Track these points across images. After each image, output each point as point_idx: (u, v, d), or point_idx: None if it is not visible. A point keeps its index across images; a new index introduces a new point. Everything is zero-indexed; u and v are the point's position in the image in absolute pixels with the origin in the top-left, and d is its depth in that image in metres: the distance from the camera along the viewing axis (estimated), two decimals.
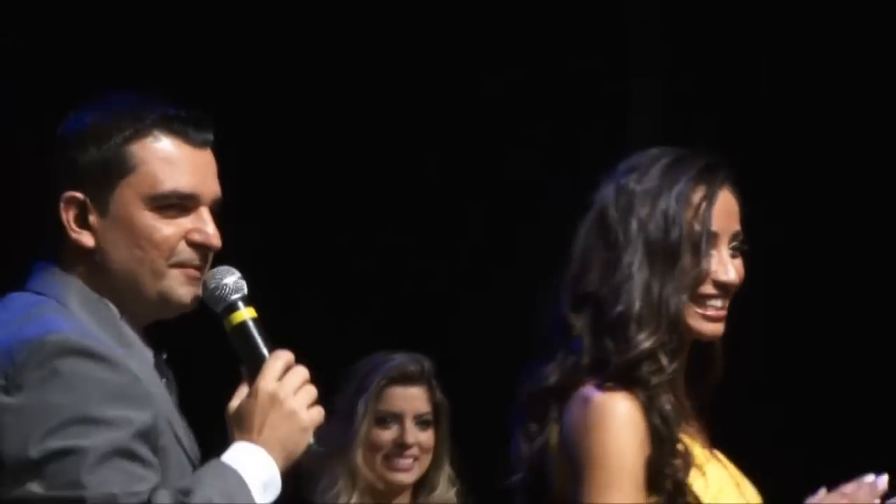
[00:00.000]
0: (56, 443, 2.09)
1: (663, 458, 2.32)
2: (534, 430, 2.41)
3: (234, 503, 2.16)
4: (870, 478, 2.48)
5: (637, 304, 2.35)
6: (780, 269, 5.48)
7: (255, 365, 2.25)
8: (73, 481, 2.08)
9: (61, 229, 2.25)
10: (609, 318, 2.36)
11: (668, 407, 2.34)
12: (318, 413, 2.26)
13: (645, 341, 2.35)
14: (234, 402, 2.26)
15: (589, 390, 2.35)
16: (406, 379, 3.72)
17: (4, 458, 2.11)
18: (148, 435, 2.15)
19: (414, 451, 3.69)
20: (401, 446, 3.68)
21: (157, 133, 2.26)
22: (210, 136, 2.32)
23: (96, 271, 2.26)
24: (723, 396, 2.64)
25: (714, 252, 2.41)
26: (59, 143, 2.30)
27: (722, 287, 2.42)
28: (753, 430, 4.93)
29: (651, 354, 2.35)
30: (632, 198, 2.40)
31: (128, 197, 2.25)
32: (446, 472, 3.75)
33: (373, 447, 3.69)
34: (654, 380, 2.34)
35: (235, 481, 2.18)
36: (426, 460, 3.72)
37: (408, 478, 3.71)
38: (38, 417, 2.10)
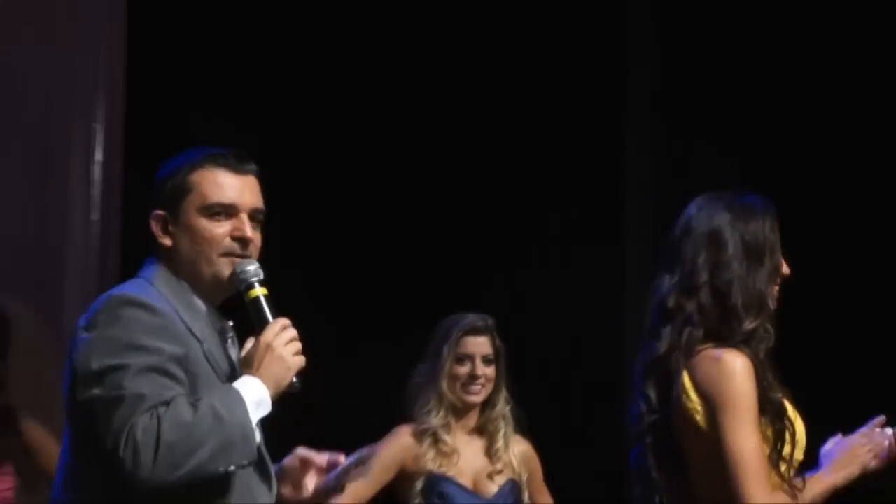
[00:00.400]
0: (111, 360, 3.07)
1: (769, 394, 3.31)
2: (654, 388, 3.39)
3: (231, 410, 3.08)
4: (880, 418, 3.53)
5: (743, 293, 3.38)
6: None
7: (261, 327, 3.19)
8: (119, 385, 3.06)
9: (154, 236, 3.31)
10: (726, 303, 3.36)
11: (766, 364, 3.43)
12: (300, 360, 3.20)
13: (754, 320, 3.36)
14: (244, 352, 3.23)
15: (717, 352, 3.33)
16: (475, 331, 5.19)
17: (78, 372, 3.10)
18: (180, 361, 3.10)
19: (481, 381, 5.16)
20: (472, 378, 5.16)
21: (207, 166, 3.27)
22: (249, 167, 3.30)
23: (175, 262, 3.27)
24: None
25: (780, 257, 3.51)
26: (154, 183, 3.33)
27: (782, 279, 3.47)
28: None
29: (758, 329, 3.36)
30: (735, 222, 3.44)
31: (189, 210, 3.27)
32: (503, 395, 5.21)
33: (453, 378, 5.15)
34: (762, 346, 3.35)
35: (236, 397, 3.13)
36: (490, 387, 5.18)
37: (477, 399, 5.18)
38: (102, 345, 3.09)
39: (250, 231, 3.31)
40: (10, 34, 6.25)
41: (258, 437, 3.23)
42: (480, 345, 5.20)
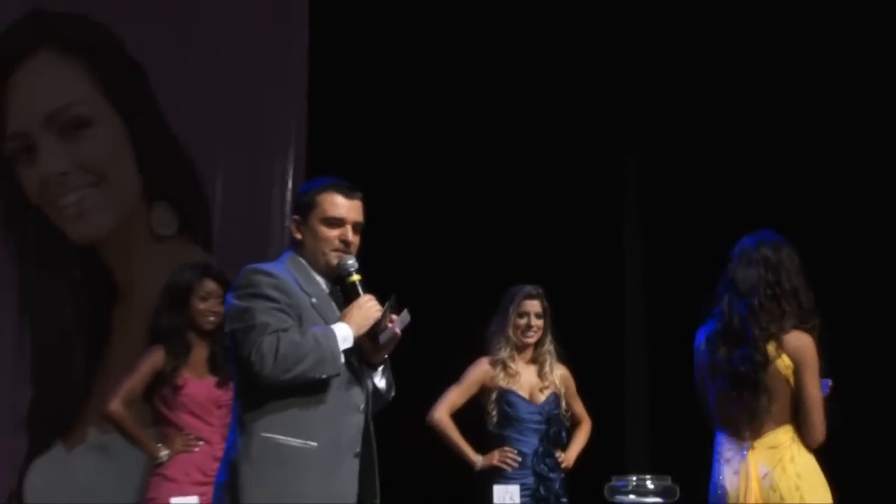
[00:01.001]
0: (246, 304, 3.85)
1: (821, 361, 4.64)
2: (752, 355, 4.59)
3: (326, 339, 3.79)
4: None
5: (805, 296, 4.63)
6: None
7: (355, 299, 4.00)
8: (252, 319, 3.82)
9: (291, 231, 4.13)
10: (800, 303, 4.63)
11: None
12: (376, 314, 3.89)
13: (813, 314, 4.65)
14: (344, 311, 4.00)
15: (800, 333, 4.63)
16: (531, 296, 6.09)
17: (228, 319, 3.91)
18: (291, 307, 3.86)
19: (534, 329, 6.05)
20: (528, 327, 6.04)
21: (329, 190, 4.05)
22: (356, 193, 4.05)
23: (303, 250, 4.03)
24: None
25: None
26: (296, 197, 4.22)
27: None
28: None
29: (815, 319, 4.63)
30: (788, 251, 4.66)
31: (314, 219, 4.04)
32: (549, 337, 6.10)
33: (515, 327, 6.04)
34: (816, 330, 4.66)
35: (329, 331, 3.86)
36: (540, 333, 6.06)
37: (531, 341, 6.05)
38: (241, 298, 3.88)
39: (351, 237, 4.01)
40: (237, 106, 7.27)
41: (342, 359, 3.82)
42: (534, 305, 6.07)
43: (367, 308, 3.95)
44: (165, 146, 7.43)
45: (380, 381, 4.08)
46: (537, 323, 6.14)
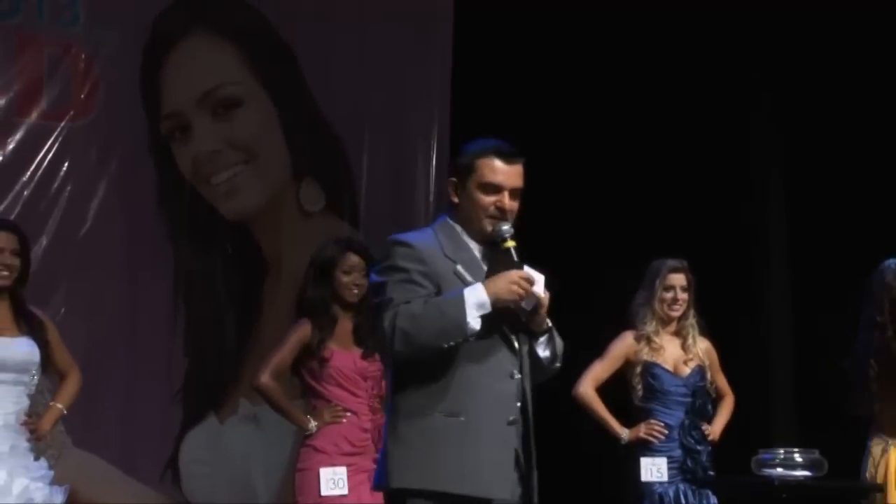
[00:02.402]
0: (382, 277, 3.80)
1: None
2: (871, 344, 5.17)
3: (450, 306, 3.66)
4: None
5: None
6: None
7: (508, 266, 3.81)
8: (383, 293, 3.75)
9: (448, 194, 3.96)
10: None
11: None
12: (518, 288, 3.71)
13: None
14: (492, 278, 3.80)
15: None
16: (676, 269, 6.12)
17: (369, 290, 3.98)
18: (426, 275, 3.76)
19: (680, 302, 6.08)
20: (675, 300, 6.08)
21: (489, 155, 3.89)
22: (516, 158, 3.88)
23: (458, 213, 3.90)
24: None
25: None
26: (455, 157, 3.96)
27: None
28: None
29: None
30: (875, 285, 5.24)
31: (471, 183, 3.88)
32: (692, 310, 6.12)
33: (662, 300, 6.07)
34: None
35: (457, 298, 3.70)
36: (685, 306, 6.08)
37: (676, 314, 6.10)
38: (378, 272, 3.83)
39: (508, 203, 3.86)
40: (382, 88, 7.46)
41: (474, 324, 3.67)
42: (680, 279, 6.09)
43: (514, 282, 3.78)
44: (313, 125, 7.53)
45: (543, 351, 3.94)
46: (683, 296, 6.11)
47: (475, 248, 3.92)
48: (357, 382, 5.63)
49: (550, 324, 3.97)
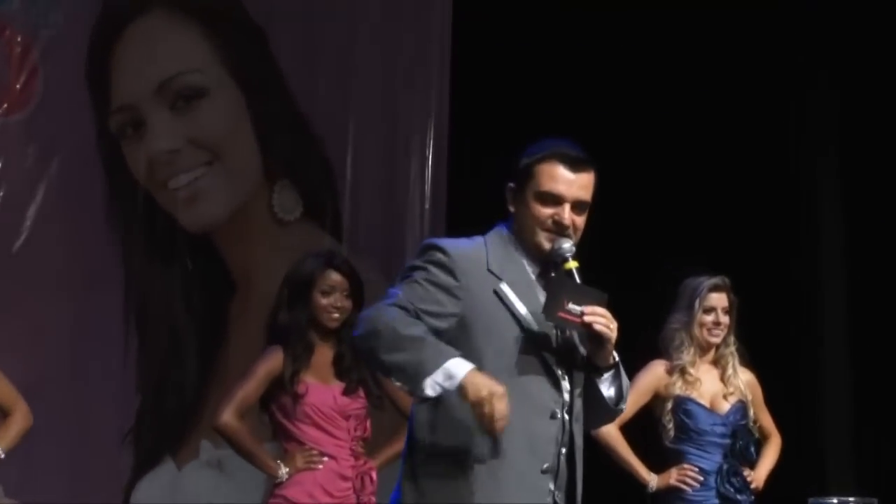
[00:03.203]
0: (403, 274, 3.79)
1: None
2: None
3: (435, 356, 3.57)
4: None
5: None
6: None
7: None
8: (398, 294, 3.71)
9: (505, 200, 3.89)
10: None
11: None
12: (485, 410, 3.55)
13: None
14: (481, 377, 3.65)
15: None
16: (717, 288, 6.11)
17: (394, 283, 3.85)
18: (462, 290, 3.72)
19: (722, 326, 6.09)
20: (716, 324, 6.08)
21: (551, 160, 3.84)
22: (585, 166, 3.84)
23: (515, 224, 3.86)
24: None
25: None
26: (518, 159, 3.88)
27: None
28: None
29: None
30: None
31: (528, 191, 3.84)
32: (733, 336, 6.11)
33: (701, 325, 6.07)
34: None
35: (440, 353, 3.59)
36: (726, 331, 6.08)
37: (717, 340, 6.10)
38: (407, 267, 3.84)
39: (568, 218, 3.82)
40: (369, 76, 7.54)
41: (429, 391, 3.59)
42: (721, 299, 6.07)
43: (483, 400, 3.59)
44: (289, 121, 7.55)
45: (608, 389, 3.89)
46: (724, 320, 6.09)
47: (529, 266, 3.89)
48: (336, 422, 5.62)
49: (617, 358, 3.91)
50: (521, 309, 3.82)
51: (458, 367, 3.62)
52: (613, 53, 7.69)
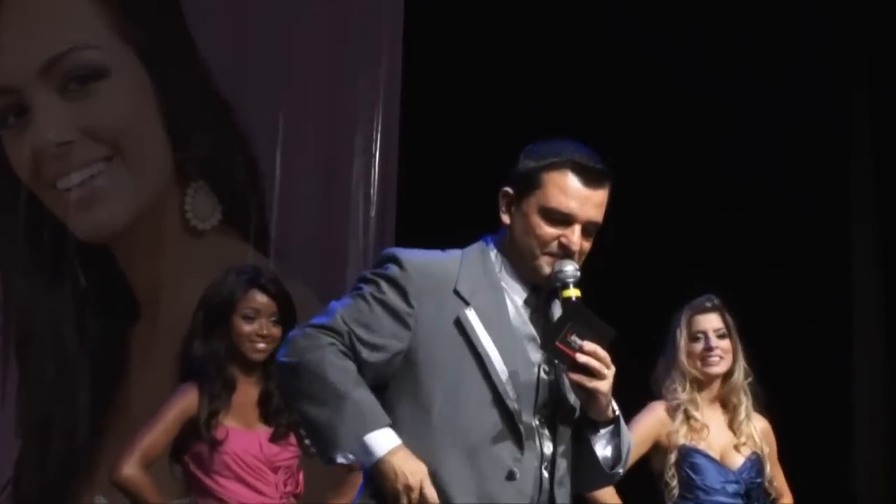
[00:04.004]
0: (350, 291, 3.78)
1: None
2: None
3: (356, 420, 3.63)
4: None
5: None
6: None
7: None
8: (336, 312, 3.71)
9: (498, 206, 3.84)
10: None
11: None
12: (397, 489, 3.65)
13: None
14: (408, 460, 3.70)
15: None
16: (704, 310, 6.00)
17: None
18: (414, 317, 3.72)
19: (717, 352, 5.94)
20: (708, 349, 5.94)
21: (563, 169, 3.79)
22: (602, 181, 3.81)
23: (506, 238, 3.84)
24: None
25: None
26: (519, 157, 3.85)
27: None
28: None
29: None
30: None
31: (531, 202, 3.80)
32: (741, 365, 5.98)
33: (690, 355, 5.95)
34: None
35: (362, 420, 3.66)
36: (728, 359, 5.96)
37: (717, 369, 5.96)
38: (360, 278, 3.81)
39: (577, 242, 3.82)
40: (305, 61, 7.50)
41: (339, 458, 3.68)
42: (711, 320, 5.94)
43: (404, 490, 3.69)
44: (207, 110, 7.48)
45: (604, 448, 3.87)
46: (721, 344, 5.96)
47: (516, 291, 3.86)
48: (262, 474, 5.54)
49: (618, 411, 3.88)
50: (485, 342, 3.78)
51: (379, 443, 3.68)
52: (591, 41, 7.79)
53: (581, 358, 3.73)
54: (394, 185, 7.45)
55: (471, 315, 3.76)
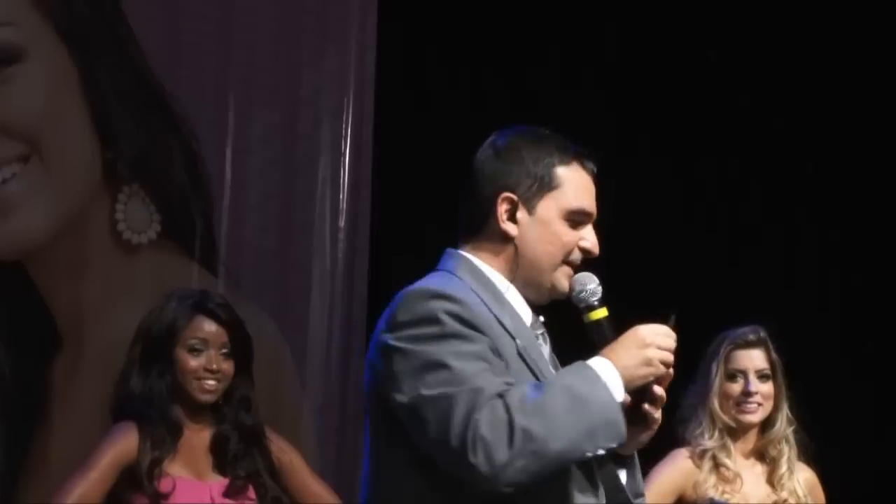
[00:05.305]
0: (428, 357, 3.81)
1: None
2: None
3: (590, 388, 3.70)
4: None
5: None
6: None
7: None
8: (445, 382, 3.75)
9: (488, 219, 3.87)
10: None
11: None
12: (658, 367, 3.80)
13: None
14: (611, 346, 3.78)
15: None
16: (748, 344, 6.17)
17: (389, 376, 3.81)
18: (496, 353, 3.78)
19: (757, 398, 6.14)
20: (746, 395, 6.14)
21: (576, 164, 3.90)
22: (595, 170, 3.92)
23: (508, 254, 3.90)
24: None
25: None
26: (493, 155, 3.92)
27: None
28: None
29: None
30: None
31: (551, 206, 3.88)
32: (784, 413, 6.18)
33: (725, 396, 6.16)
34: None
35: (591, 374, 3.73)
36: (768, 405, 6.15)
37: (754, 418, 6.16)
38: (413, 342, 3.83)
39: (597, 245, 3.97)
40: (259, 38, 7.53)
41: (623, 421, 3.73)
42: (754, 358, 6.12)
43: (652, 350, 3.83)
44: (142, 101, 7.48)
45: (633, 479, 4.00)
46: (762, 388, 6.13)
47: (526, 316, 3.95)
48: None
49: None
50: (550, 377, 3.87)
51: (607, 372, 3.84)
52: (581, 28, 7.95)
53: (656, 388, 3.90)
54: (367, 191, 7.46)
55: (523, 349, 3.90)
